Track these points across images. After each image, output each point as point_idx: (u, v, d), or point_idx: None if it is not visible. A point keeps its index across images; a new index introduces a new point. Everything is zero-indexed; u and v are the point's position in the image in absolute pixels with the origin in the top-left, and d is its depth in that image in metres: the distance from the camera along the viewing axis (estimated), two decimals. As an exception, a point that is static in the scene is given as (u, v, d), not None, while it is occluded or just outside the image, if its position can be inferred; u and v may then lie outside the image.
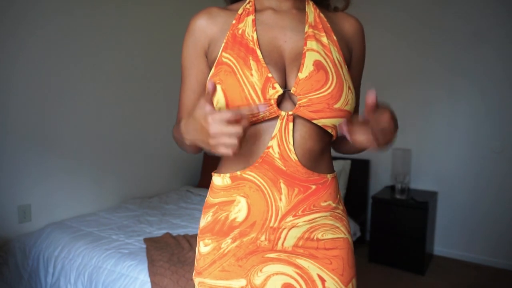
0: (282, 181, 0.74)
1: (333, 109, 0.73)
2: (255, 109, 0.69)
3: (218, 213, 0.79)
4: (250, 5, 0.81)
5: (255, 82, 0.71)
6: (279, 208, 0.75)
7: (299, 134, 0.75)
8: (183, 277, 1.71)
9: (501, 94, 2.81)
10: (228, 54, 0.74)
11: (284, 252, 0.77)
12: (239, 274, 0.76)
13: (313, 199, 0.77)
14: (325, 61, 0.75)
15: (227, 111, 0.62)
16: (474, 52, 2.87)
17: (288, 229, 0.76)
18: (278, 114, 0.73)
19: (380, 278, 2.73)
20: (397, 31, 3.13)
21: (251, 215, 0.76)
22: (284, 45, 0.77)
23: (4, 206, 2.26)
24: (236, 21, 0.78)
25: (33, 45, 2.32)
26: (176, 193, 3.29)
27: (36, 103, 2.36)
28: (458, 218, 3.03)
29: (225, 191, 0.78)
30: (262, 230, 0.76)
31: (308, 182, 0.76)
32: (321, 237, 0.78)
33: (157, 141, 3.29)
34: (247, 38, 0.75)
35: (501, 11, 2.75)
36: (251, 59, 0.73)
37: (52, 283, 2.08)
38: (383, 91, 3.32)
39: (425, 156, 3.13)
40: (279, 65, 0.75)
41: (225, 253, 0.77)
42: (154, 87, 3.21)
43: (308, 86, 0.73)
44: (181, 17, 3.46)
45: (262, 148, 0.75)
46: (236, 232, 0.77)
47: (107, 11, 2.75)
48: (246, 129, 0.63)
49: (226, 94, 0.72)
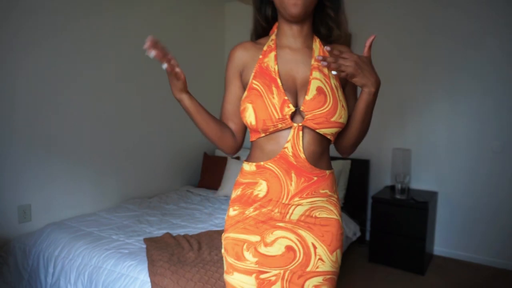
0: (293, 172, 1.02)
1: (330, 121, 1.00)
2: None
3: (246, 190, 1.07)
4: (272, 43, 1.09)
5: (275, 103, 0.99)
6: (290, 191, 1.03)
7: (306, 139, 1.03)
8: (183, 277, 1.71)
9: (501, 94, 2.81)
10: (257, 81, 1.03)
11: (290, 223, 1.04)
12: (255, 232, 1.04)
13: (314, 187, 1.04)
14: (325, 86, 1.02)
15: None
16: (474, 52, 2.87)
17: (295, 206, 1.03)
18: (292, 125, 1.01)
19: (380, 278, 2.73)
20: (397, 30, 3.13)
21: (269, 193, 1.04)
22: (296, 75, 1.05)
23: (4, 206, 2.26)
24: (262, 56, 1.07)
25: (36, 48, 2.32)
26: (176, 193, 3.29)
27: (36, 103, 2.36)
28: (458, 218, 3.04)
29: (251, 175, 1.07)
30: (276, 205, 1.03)
31: (311, 174, 1.03)
32: (318, 215, 1.05)
33: (157, 141, 3.29)
34: (270, 70, 1.04)
35: (501, 11, 2.75)
36: (273, 86, 1.01)
37: (52, 283, 2.08)
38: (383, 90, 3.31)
39: (425, 156, 3.13)
40: (292, 90, 1.03)
41: (247, 217, 1.05)
42: (153, 88, 3.21)
43: (312, 105, 0.99)
44: (183, 18, 3.47)
45: (280, 148, 1.03)
46: (257, 204, 1.05)
47: (110, 14, 2.76)
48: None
49: (256, 111, 1.01)
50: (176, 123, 3.46)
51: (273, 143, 1.04)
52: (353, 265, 2.91)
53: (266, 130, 1.02)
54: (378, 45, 3.17)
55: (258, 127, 1.01)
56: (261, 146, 1.06)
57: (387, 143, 3.24)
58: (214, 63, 3.93)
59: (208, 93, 3.88)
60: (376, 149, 3.30)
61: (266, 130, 1.02)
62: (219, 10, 3.93)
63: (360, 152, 3.37)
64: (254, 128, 1.03)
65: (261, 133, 1.04)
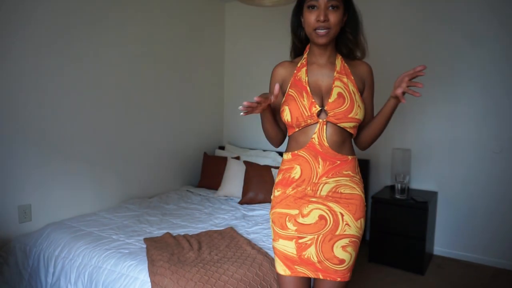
0: (320, 157, 1.31)
1: (348, 117, 1.29)
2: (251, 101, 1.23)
3: (285, 174, 1.37)
4: (304, 60, 1.40)
5: (305, 104, 1.30)
6: (318, 172, 1.31)
7: (329, 132, 1.31)
8: (183, 277, 1.71)
9: (501, 94, 2.81)
10: (292, 90, 1.34)
11: (320, 198, 1.31)
12: (294, 207, 1.33)
13: (338, 169, 1.32)
14: (344, 92, 1.30)
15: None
16: (474, 52, 2.87)
17: (323, 184, 1.31)
18: (318, 121, 1.31)
19: (380, 278, 2.73)
20: (397, 31, 3.13)
21: (302, 175, 1.33)
22: (322, 84, 1.35)
23: (5, 206, 2.27)
24: (297, 71, 1.38)
25: (34, 47, 2.32)
26: (176, 193, 3.29)
27: (37, 104, 2.37)
28: (458, 218, 3.04)
29: (288, 162, 1.37)
30: (308, 184, 1.32)
31: (335, 159, 1.31)
32: (343, 191, 1.32)
33: (158, 141, 3.29)
34: (302, 81, 1.35)
35: (501, 11, 2.75)
36: (304, 92, 1.32)
37: (53, 283, 2.08)
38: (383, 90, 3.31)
39: (425, 156, 3.13)
40: (319, 95, 1.33)
41: (288, 195, 1.35)
42: (154, 88, 3.21)
43: (334, 106, 1.29)
44: (183, 18, 3.47)
45: (308, 139, 1.32)
46: (294, 184, 1.34)
47: (111, 13, 2.76)
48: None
49: (291, 111, 1.31)
50: (176, 123, 3.47)
51: (304, 135, 1.33)
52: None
53: (299, 125, 1.32)
54: (378, 45, 3.19)
55: (293, 122, 1.32)
56: (296, 138, 1.36)
57: (387, 143, 3.24)
58: (214, 63, 3.94)
59: (208, 93, 3.88)
60: (376, 149, 3.30)
61: (299, 125, 1.32)
62: (219, 10, 3.93)
63: (360, 152, 3.37)
64: (290, 124, 1.34)
65: (295, 128, 1.34)
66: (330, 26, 1.28)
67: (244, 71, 3.92)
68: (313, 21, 1.28)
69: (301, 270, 1.33)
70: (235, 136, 4.03)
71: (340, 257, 1.30)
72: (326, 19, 1.26)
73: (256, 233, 2.37)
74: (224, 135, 4.12)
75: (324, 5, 1.26)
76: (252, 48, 3.86)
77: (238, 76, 3.98)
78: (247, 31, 3.89)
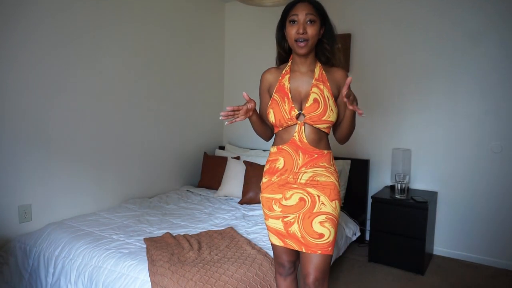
0: (300, 151, 1.53)
1: (322, 120, 1.50)
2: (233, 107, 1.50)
3: (272, 165, 1.60)
4: (288, 68, 1.60)
5: (286, 109, 1.52)
6: (298, 163, 1.54)
7: (307, 131, 1.53)
8: (183, 277, 1.72)
9: (500, 94, 2.81)
10: (277, 95, 1.56)
11: (300, 184, 1.54)
12: (278, 192, 1.56)
13: (315, 161, 1.54)
14: (319, 97, 1.51)
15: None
16: (474, 52, 2.87)
17: (302, 173, 1.53)
18: (297, 122, 1.53)
19: (380, 277, 2.73)
20: (396, 31, 3.13)
21: (285, 166, 1.55)
22: (301, 90, 1.55)
23: (5, 206, 2.27)
24: (281, 77, 1.59)
25: (35, 45, 2.32)
26: (176, 193, 3.29)
27: (37, 103, 2.37)
28: (458, 218, 3.04)
29: (274, 154, 1.59)
30: (290, 173, 1.55)
31: (313, 153, 1.53)
32: (319, 179, 1.53)
33: (158, 141, 3.30)
34: (285, 87, 1.56)
35: (501, 10, 2.75)
36: (285, 98, 1.53)
37: (53, 283, 2.08)
38: (383, 90, 3.32)
39: (425, 156, 3.13)
40: (298, 100, 1.54)
41: (273, 182, 1.58)
42: (154, 88, 3.22)
43: (310, 110, 1.50)
44: (183, 18, 3.47)
45: (291, 136, 1.54)
46: (278, 173, 1.57)
47: (111, 13, 2.76)
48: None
49: (275, 114, 1.53)
50: (177, 123, 3.47)
51: (287, 133, 1.56)
52: (353, 265, 2.92)
53: (281, 125, 1.54)
54: (378, 45, 3.19)
55: (277, 123, 1.55)
56: (280, 135, 1.58)
57: (387, 143, 3.24)
58: (214, 63, 3.94)
59: (208, 93, 3.88)
60: (376, 149, 3.31)
61: (281, 125, 1.54)
62: (219, 10, 3.94)
63: (360, 152, 3.38)
64: (275, 124, 1.57)
65: (279, 127, 1.57)
66: (308, 37, 1.48)
67: (244, 71, 3.92)
68: (294, 34, 1.49)
69: (290, 243, 1.55)
70: (235, 136, 4.04)
71: (319, 232, 1.49)
72: (305, 32, 1.48)
73: (256, 233, 2.38)
74: (224, 135, 4.13)
75: (303, 20, 1.48)
76: (252, 48, 3.86)
77: (238, 76, 3.98)
78: (247, 31, 3.89)
